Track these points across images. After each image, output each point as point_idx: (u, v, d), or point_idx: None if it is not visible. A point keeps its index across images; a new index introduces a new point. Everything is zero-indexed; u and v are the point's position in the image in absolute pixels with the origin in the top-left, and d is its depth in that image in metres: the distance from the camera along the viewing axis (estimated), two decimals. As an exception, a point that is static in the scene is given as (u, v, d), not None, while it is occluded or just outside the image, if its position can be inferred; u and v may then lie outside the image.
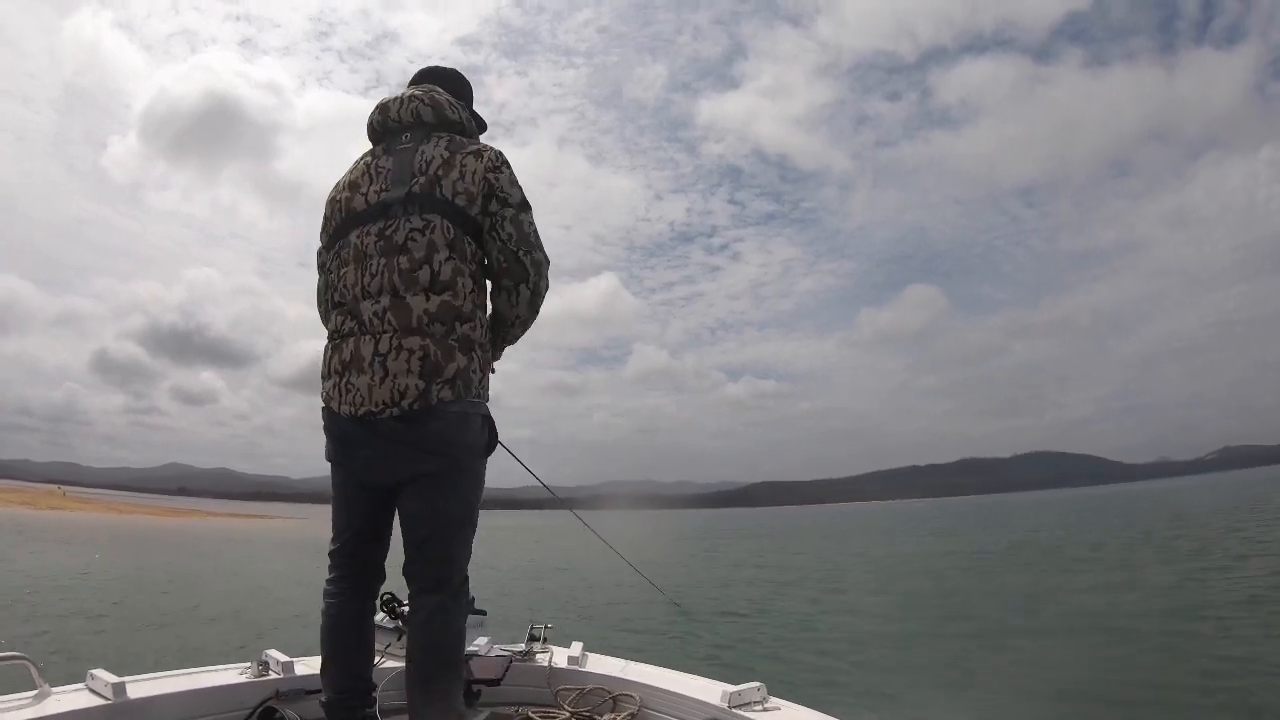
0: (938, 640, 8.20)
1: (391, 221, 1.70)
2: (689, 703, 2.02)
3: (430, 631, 1.69)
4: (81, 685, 1.74)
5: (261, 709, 1.87)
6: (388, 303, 1.65)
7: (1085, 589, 11.52)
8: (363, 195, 1.77)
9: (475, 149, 1.78)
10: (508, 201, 1.75)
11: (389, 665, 2.08)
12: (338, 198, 1.82)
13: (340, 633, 1.79)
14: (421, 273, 1.66)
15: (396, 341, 1.63)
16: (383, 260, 1.68)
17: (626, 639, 8.31)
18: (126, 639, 8.15)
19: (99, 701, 1.67)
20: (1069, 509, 53.08)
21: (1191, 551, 15.70)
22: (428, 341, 1.63)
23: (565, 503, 3.40)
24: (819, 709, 1.91)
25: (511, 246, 1.75)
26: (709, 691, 2.01)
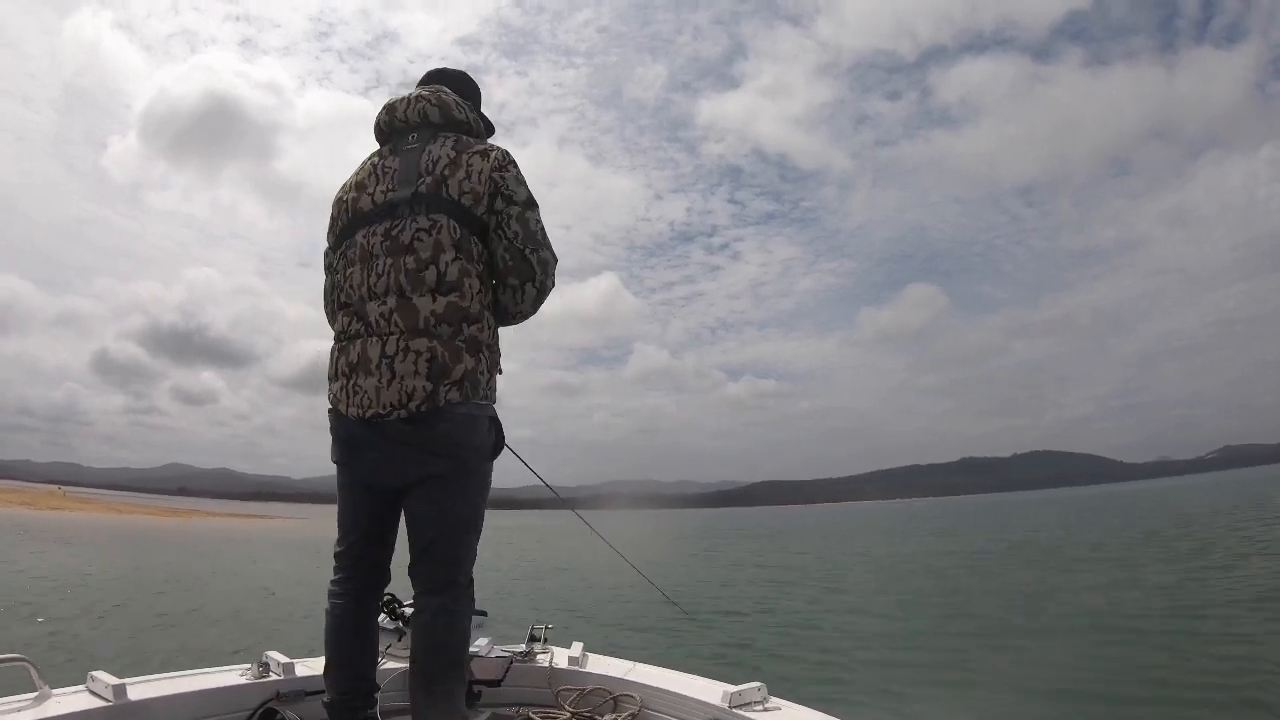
0: (939, 639, 8.20)
1: (398, 222, 1.69)
2: (690, 703, 2.02)
3: (435, 633, 1.69)
4: (82, 687, 1.74)
5: (262, 710, 1.87)
6: (394, 304, 1.65)
7: (1087, 588, 11.52)
8: (369, 195, 1.76)
9: (481, 149, 1.77)
10: (513, 199, 1.74)
11: (390, 666, 2.09)
12: (344, 198, 1.82)
13: (344, 633, 1.80)
14: (428, 273, 1.65)
15: (404, 343, 1.63)
16: (389, 260, 1.67)
17: (627, 639, 8.31)
18: (127, 640, 8.15)
19: (99, 703, 1.67)
20: (1070, 508, 53.08)
21: (1193, 550, 15.70)
22: (435, 343, 1.63)
23: (568, 504, 3.40)
24: (820, 708, 1.91)
25: (518, 244, 1.73)
26: (709, 692, 2.01)
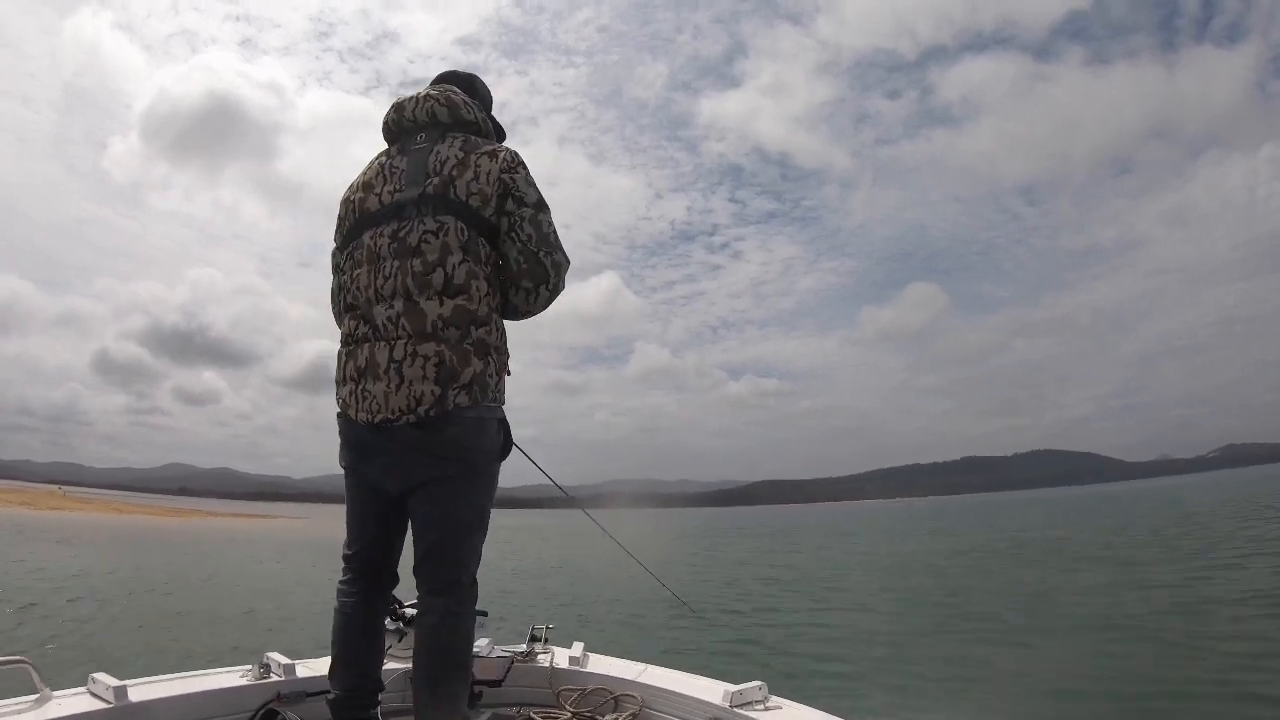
0: (940, 638, 8.20)
1: (405, 223, 1.68)
2: (691, 702, 2.02)
3: (439, 635, 1.68)
4: (83, 689, 1.74)
5: (263, 711, 1.87)
6: (401, 307, 1.64)
7: (1089, 587, 11.52)
8: (376, 196, 1.75)
9: (490, 149, 1.75)
10: (524, 201, 1.72)
11: (391, 667, 2.08)
12: (351, 198, 1.81)
13: (353, 631, 1.80)
14: (435, 276, 1.64)
15: (411, 348, 1.62)
16: (396, 263, 1.66)
17: (628, 639, 8.31)
18: (127, 641, 8.15)
19: (100, 705, 1.66)
20: (1071, 507, 53.07)
21: (1195, 549, 15.69)
22: (443, 347, 1.62)
23: (577, 503, 3.40)
24: (820, 708, 1.91)
25: (532, 247, 1.72)
26: (710, 691, 2.01)
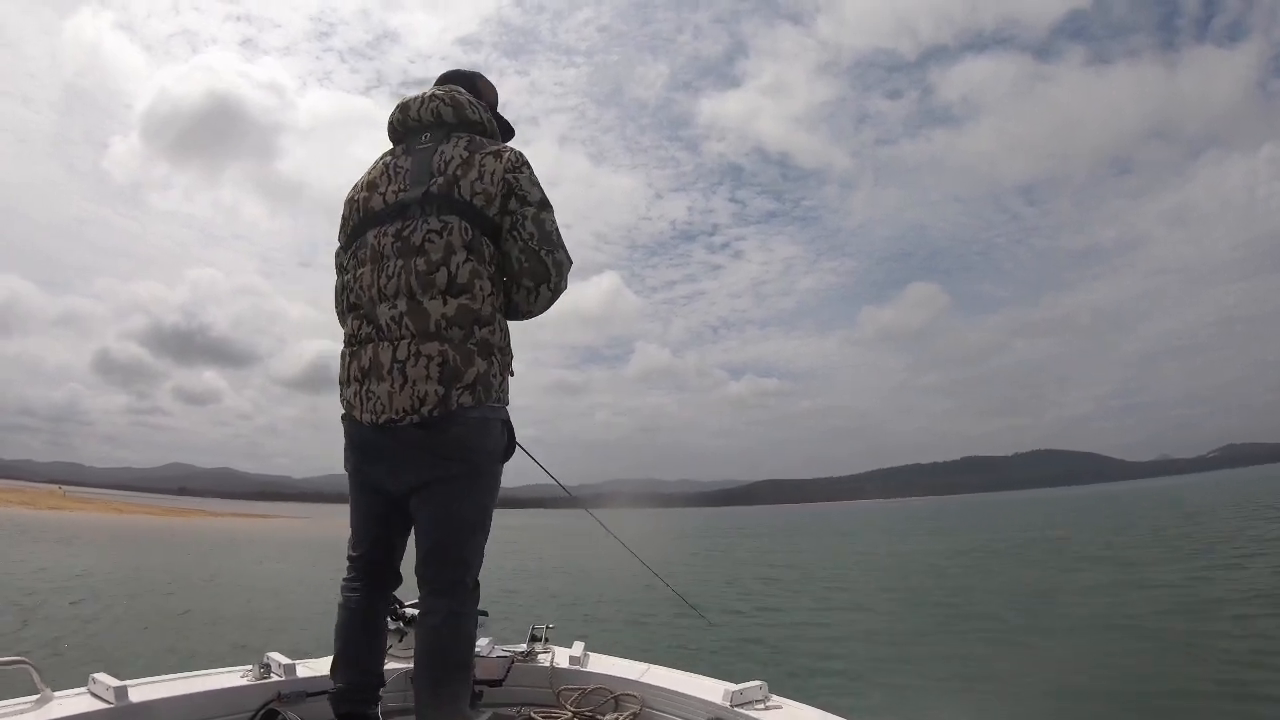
0: (940, 638, 8.20)
1: (409, 222, 1.68)
2: (691, 702, 2.02)
3: (441, 635, 1.68)
4: (83, 689, 1.73)
5: (264, 711, 1.87)
6: (404, 307, 1.64)
7: (1089, 586, 11.51)
8: (380, 195, 1.75)
9: (495, 149, 1.75)
10: (528, 200, 1.72)
11: (391, 667, 2.08)
12: (356, 197, 1.81)
13: (354, 629, 1.81)
14: (439, 275, 1.63)
15: (415, 347, 1.61)
16: (400, 262, 1.66)
17: (628, 639, 8.31)
18: (128, 641, 8.16)
19: (100, 705, 1.66)
20: (1072, 507, 53.09)
21: (1196, 549, 15.68)
22: (446, 347, 1.62)
23: (580, 503, 3.41)
24: (821, 707, 1.91)
25: (534, 246, 1.72)
26: (711, 690, 2.01)
